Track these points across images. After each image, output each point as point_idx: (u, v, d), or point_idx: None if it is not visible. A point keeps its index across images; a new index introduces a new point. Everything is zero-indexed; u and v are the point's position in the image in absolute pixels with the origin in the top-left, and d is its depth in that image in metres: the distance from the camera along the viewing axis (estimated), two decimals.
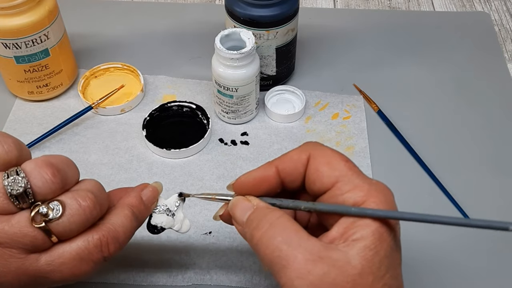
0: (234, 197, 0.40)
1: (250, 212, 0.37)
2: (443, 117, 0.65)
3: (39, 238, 0.35)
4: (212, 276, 0.51)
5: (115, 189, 0.43)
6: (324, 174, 0.36)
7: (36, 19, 0.58)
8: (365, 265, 0.33)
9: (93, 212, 0.36)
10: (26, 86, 0.63)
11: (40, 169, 0.35)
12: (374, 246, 0.33)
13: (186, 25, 0.76)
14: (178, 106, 0.64)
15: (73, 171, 0.38)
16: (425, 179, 0.59)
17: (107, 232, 0.37)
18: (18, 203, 0.35)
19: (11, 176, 0.34)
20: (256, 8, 0.59)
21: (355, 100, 0.67)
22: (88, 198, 0.36)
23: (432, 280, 0.51)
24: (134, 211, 0.40)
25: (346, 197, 0.35)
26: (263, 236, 0.35)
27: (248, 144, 0.62)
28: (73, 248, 0.36)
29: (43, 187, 0.35)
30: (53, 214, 0.35)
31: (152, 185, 0.43)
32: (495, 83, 0.69)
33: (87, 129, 0.63)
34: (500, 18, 0.79)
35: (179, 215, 0.44)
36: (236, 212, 0.38)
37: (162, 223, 0.43)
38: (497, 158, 0.61)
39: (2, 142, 0.36)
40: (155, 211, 0.43)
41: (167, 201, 0.44)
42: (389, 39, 0.75)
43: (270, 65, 0.64)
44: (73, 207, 0.35)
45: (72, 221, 0.35)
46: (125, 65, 0.68)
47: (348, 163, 0.37)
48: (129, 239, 0.39)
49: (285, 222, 0.35)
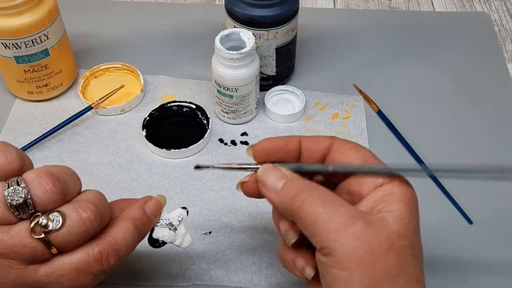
0: (263, 165, 0.40)
1: (285, 181, 0.38)
2: (443, 117, 0.65)
3: (38, 249, 0.35)
4: (212, 276, 0.51)
5: (118, 200, 0.43)
6: (352, 155, 0.39)
7: (36, 19, 0.58)
8: (402, 229, 0.35)
9: (93, 224, 0.36)
10: (26, 86, 0.63)
11: (41, 179, 0.35)
12: (407, 215, 0.36)
13: (186, 25, 0.76)
14: (178, 106, 0.64)
15: (75, 181, 0.38)
16: (425, 179, 0.59)
17: (108, 245, 0.37)
18: (18, 214, 0.34)
19: (12, 186, 0.34)
20: (256, 8, 0.59)
21: (355, 100, 0.67)
22: (89, 210, 0.36)
23: (427, 280, 0.51)
24: (137, 224, 0.40)
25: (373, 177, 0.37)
26: (305, 201, 0.36)
27: (248, 144, 0.62)
28: (72, 260, 0.36)
29: (44, 197, 0.35)
30: (53, 225, 0.34)
31: (156, 198, 0.43)
32: (495, 83, 0.69)
33: (87, 129, 0.63)
34: (500, 18, 0.79)
35: (181, 230, 0.44)
36: (268, 179, 0.39)
37: (164, 237, 0.43)
38: (497, 158, 0.61)
39: (5, 152, 0.36)
40: (157, 225, 0.43)
41: (170, 214, 0.43)
42: (389, 39, 0.75)
43: (270, 65, 0.64)
44: (74, 219, 0.35)
45: (72, 232, 0.35)
46: (125, 65, 0.68)
47: (371, 152, 0.40)
48: (130, 252, 0.39)
49: (323, 191, 0.37)
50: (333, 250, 0.34)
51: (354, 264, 0.34)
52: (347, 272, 0.34)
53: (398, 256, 0.34)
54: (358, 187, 0.38)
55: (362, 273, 0.34)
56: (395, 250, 0.34)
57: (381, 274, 0.34)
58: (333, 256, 0.34)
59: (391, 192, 0.37)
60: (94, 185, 0.57)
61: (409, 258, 0.35)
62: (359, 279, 0.34)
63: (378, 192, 0.37)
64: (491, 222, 0.55)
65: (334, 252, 0.34)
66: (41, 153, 0.61)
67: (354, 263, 0.34)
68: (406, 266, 0.35)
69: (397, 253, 0.34)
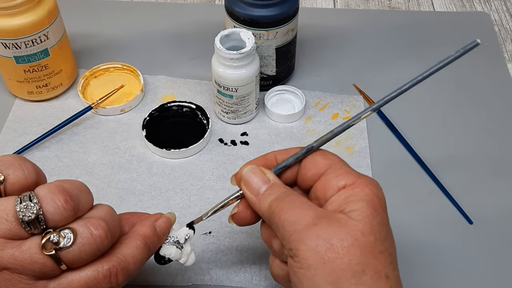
0: (247, 166, 0.42)
1: (267, 186, 0.40)
2: (443, 117, 0.65)
3: (48, 266, 0.35)
4: (212, 276, 0.51)
5: (127, 213, 0.43)
6: (319, 161, 0.41)
7: (36, 19, 0.58)
8: (366, 225, 0.36)
9: (104, 241, 0.36)
10: (25, 86, 0.63)
11: (53, 195, 0.35)
12: (371, 213, 0.36)
13: (186, 25, 0.76)
14: (178, 106, 0.64)
15: (87, 196, 0.38)
16: (425, 179, 0.59)
17: (118, 263, 0.37)
18: (30, 229, 0.34)
19: (24, 202, 0.34)
20: (256, 8, 0.59)
21: (355, 100, 0.67)
22: (100, 227, 0.36)
23: (428, 280, 0.51)
24: (147, 242, 0.40)
25: (338, 178, 0.39)
26: (278, 206, 0.38)
27: (248, 144, 0.62)
28: (81, 277, 0.36)
29: (55, 213, 0.35)
30: (64, 242, 0.34)
31: (166, 216, 0.43)
32: (495, 83, 0.69)
33: (87, 129, 0.63)
34: (500, 18, 0.79)
35: (186, 248, 0.44)
36: (252, 180, 0.41)
37: (171, 255, 0.43)
38: (497, 158, 0.61)
39: (22, 166, 0.36)
40: (165, 242, 0.43)
41: (177, 232, 0.43)
42: (389, 39, 0.75)
43: (270, 65, 0.64)
44: (85, 236, 0.35)
45: (83, 250, 0.35)
46: (124, 65, 0.68)
47: (339, 157, 0.41)
48: (138, 269, 0.39)
49: (296, 196, 0.39)
50: (297, 251, 0.35)
51: (316, 262, 0.35)
52: (310, 271, 0.35)
53: (361, 252, 0.35)
54: (323, 190, 0.40)
55: (324, 270, 0.34)
56: (358, 247, 0.35)
57: (343, 270, 0.34)
58: (298, 257, 0.35)
59: (353, 193, 0.38)
60: (94, 185, 0.58)
61: (376, 254, 0.35)
62: (322, 276, 0.34)
63: (341, 195, 0.38)
64: (491, 222, 0.55)
65: (298, 252, 0.35)
66: (41, 153, 0.61)
67: (316, 261, 0.35)
68: (372, 262, 0.35)
69: (360, 249, 0.35)
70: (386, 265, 0.36)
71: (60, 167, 0.59)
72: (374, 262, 0.35)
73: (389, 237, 0.37)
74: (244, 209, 0.42)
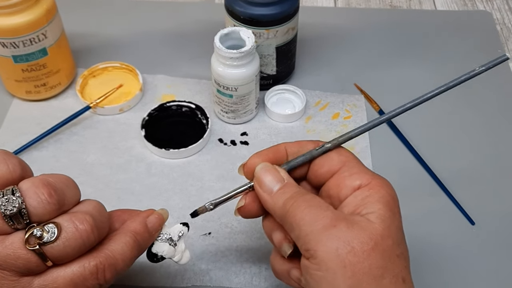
0: (261, 164, 0.41)
1: (281, 185, 0.39)
2: (445, 116, 0.65)
3: (32, 261, 0.34)
4: (212, 277, 0.51)
5: (118, 210, 0.42)
6: (333, 158, 0.40)
7: (34, 18, 0.57)
8: (385, 229, 0.35)
9: (90, 236, 0.35)
10: (24, 86, 0.63)
11: (37, 189, 0.34)
12: (389, 216, 0.36)
13: (185, 24, 0.76)
14: (177, 105, 0.63)
15: (73, 191, 0.37)
16: (426, 179, 0.59)
17: (105, 259, 0.36)
18: (13, 224, 0.34)
19: (6, 196, 0.33)
20: (256, 7, 0.58)
21: (356, 99, 0.66)
22: (86, 222, 0.35)
23: (430, 281, 0.51)
24: (137, 238, 0.39)
25: (353, 178, 0.38)
26: (293, 206, 0.37)
27: (248, 144, 0.62)
28: (67, 273, 0.35)
29: (39, 207, 0.34)
30: (48, 237, 0.34)
31: (158, 212, 0.42)
32: (497, 83, 0.69)
33: (85, 129, 0.63)
34: (502, 17, 0.79)
35: (180, 246, 0.43)
36: (265, 178, 0.40)
37: (163, 252, 0.42)
38: (498, 158, 0.61)
39: (7, 161, 0.35)
40: (158, 239, 0.42)
41: (171, 229, 0.43)
42: (390, 38, 0.75)
43: (270, 64, 0.64)
44: (69, 231, 0.34)
45: (68, 245, 0.34)
46: (123, 64, 0.68)
47: (353, 154, 0.41)
48: (128, 267, 0.38)
49: (312, 196, 0.38)
50: (316, 252, 0.35)
51: (336, 265, 0.34)
52: (330, 274, 0.34)
53: (381, 256, 0.35)
54: (336, 189, 0.39)
55: (345, 274, 0.34)
56: (378, 250, 0.35)
57: (364, 274, 0.34)
58: (316, 258, 0.35)
59: (369, 194, 0.37)
60: (93, 186, 0.57)
61: (394, 258, 0.35)
62: (343, 280, 0.34)
63: (357, 196, 0.38)
64: (493, 223, 0.55)
65: (317, 254, 0.35)
66: (39, 153, 0.60)
67: (337, 264, 0.34)
68: (390, 266, 0.35)
69: (380, 253, 0.35)
70: (402, 268, 0.36)
71: (58, 167, 0.59)
72: (391, 266, 0.35)
73: (404, 240, 0.37)
74: (251, 202, 0.41)
